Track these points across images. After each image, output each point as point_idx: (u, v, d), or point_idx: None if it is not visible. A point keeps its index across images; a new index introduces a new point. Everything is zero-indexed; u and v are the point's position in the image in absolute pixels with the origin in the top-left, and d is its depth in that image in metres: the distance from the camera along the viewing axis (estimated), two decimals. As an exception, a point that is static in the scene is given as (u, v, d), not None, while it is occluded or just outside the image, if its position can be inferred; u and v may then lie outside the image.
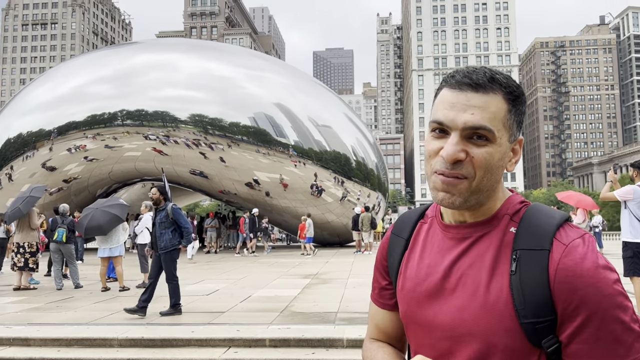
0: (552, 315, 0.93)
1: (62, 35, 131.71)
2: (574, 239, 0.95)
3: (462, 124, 0.97)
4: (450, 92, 1.01)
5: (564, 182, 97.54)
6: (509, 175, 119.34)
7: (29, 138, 22.68)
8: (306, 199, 22.97)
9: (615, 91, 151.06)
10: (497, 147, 0.99)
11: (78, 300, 8.98)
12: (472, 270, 1.01)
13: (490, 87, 0.99)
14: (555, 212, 1.02)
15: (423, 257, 1.11)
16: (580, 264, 0.91)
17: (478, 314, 0.97)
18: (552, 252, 0.94)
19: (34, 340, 6.09)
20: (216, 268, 14.86)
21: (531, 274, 0.94)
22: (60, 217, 10.41)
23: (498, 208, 1.05)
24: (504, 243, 1.00)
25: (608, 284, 0.90)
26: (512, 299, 0.95)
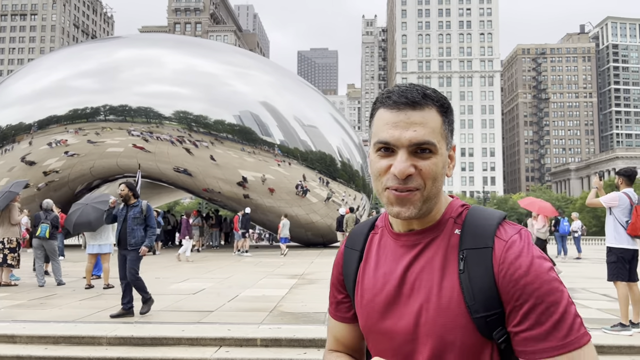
0: (499, 307, 0.99)
1: (42, 26, 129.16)
2: (512, 235, 1.03)
3: (407, 141, 1.04)
4: (389, 113, 1.07)
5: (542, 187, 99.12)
6: (489, 179, 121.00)
7: (9, 131, 22.21)
8: (291, 198, 22.94)
9: (593, 99, 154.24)
10: (440, 157, 1.06)
11: (62, 298, 8.84)
12: (424, 274, 1.07)
13: (425, 103, 1.06)
14: (494, 211, 1.10)
15: (378, 267, 1.15)
16: (520, 256, 0.99)
17: (434, 315, 1.03)
18: (494, 249, 1.02)
19: (20, 337, 5.98)
20: (200, 267, 14.75)
21: (478, 271, 1.01)
22: (43, 212, 10.22)
23: (442, 213, 1.12)
24: (450, 245, 1.07)
25: (545, 272, 0.98)
26: (462, 296, 1.01)
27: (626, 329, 6.23)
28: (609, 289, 9.36)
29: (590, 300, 9.03)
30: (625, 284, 6.32)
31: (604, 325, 6.60)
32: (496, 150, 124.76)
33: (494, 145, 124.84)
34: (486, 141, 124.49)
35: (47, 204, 10.40)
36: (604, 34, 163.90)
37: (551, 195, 77.27)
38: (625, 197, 6.41)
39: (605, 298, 9.32)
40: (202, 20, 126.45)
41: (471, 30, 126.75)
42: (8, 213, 9.66)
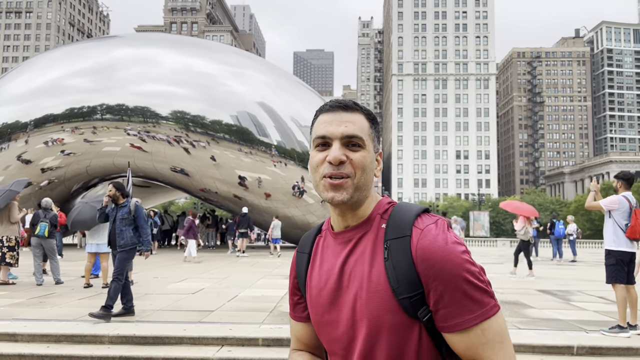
0: (420, 288, 1.10)
1: (37, 24, 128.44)
2: (429, 224, 1.15)
3: (340, 134, 1.20)
4: (326, 115, 1.25)
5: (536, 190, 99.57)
6: (484, 182, 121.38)
7: (4, 129, 22.11)
8: (287, 199, 22.93)
9: (587, 103, 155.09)
10: (367, 152, 1.21)
11: (61, 297, 8.82)
12: (357, 265, 1.19)
13: (354, 108, 1.25)
14: (415, 205, 1.23)
15: (322, 265, 1.27)
16: (434, 242, 1.10)
17: (366, 300, 1.14)
18: (412, 237, 1.13)
19: (21, 335, 5.98)
20: (198, 267, 14.75)
21: (399, 257, 1.12)
22: (42, 211, 10.20)
23: (371, 210, 1.24)
24: (378, 238, 1.19)
25: (456, 255, 1.09)
26: (388, 281, 1.12)
27: (624, 331, 6.30)
28: (605, 291, 9.46)
29: (587, 303, 9.12)
30: (623, 287, 6.40)
31: (602, 327, 6.67)
32: (491, 153, 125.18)
33: (489, 148, 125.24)
34: (481, 144, 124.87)
35: (46, 202, 10.38)
36: (598, 39, 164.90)
37: (545, 198, 77.62)
38: (624, 201, 6.48)
39: (602, 300, 9.41)
40: (198, 20, 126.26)
41: (467, 33, 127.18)
42: (8, 211, 9.63)
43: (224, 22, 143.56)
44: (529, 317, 7.48)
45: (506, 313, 7.72)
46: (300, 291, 1.35)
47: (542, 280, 12.83)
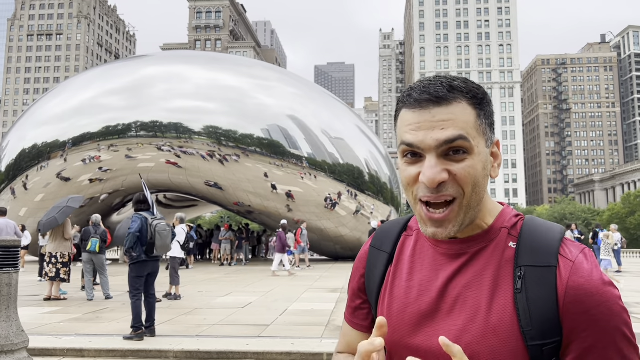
0: (559, 336, 0.88)
1: (67, 46, 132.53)
2: (577, 254, 0.91)
3: (434, 142, 0.91)
4: (411, 113, 0.94)
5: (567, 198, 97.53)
6: (511, 191, 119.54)
7: (44, 148, 22.72)
8: (320, 212, 22.92)
9: (616, 109, 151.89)
10: (477, 156, 0.93)
11: (114, 312, 8.92)
12: (470, 289, 0.94)
13: (452, 96, 0.92)
14: (554, 225, 0.98)
15: (412, 275, 1.02)
16: (590, 281, 0.88)
17: (480, 337, 0.90)
18: (559, 269, 0.90)
19: (88, 351, 6.04)
20: (238, 281, 14.77)
21: (538, 292, 0.89)
22: (93, 227, 10.38)
23: (493, 221, 0.99)
24: (504, 259, 0.94)
25: (616, 302, 0.87)
26: (517, 319, 0.89)
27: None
28: None
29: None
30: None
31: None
32: (518, 162, 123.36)
33: (516, 157, 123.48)
34: (507, 153, 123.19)
35: (96, 218, 10.57)
36: (625, 43, 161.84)
37: (577, 207, 75.85)
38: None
39: (664, 312, 9.07)
40: (222, 37, 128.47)
41: (490, 42, 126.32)
42: (62, 228, 9.83)
43: (246, 39, 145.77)
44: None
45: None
46: (366, 295, 1.10)
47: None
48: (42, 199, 22.61)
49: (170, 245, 6.77)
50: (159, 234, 6.63)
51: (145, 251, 6.72)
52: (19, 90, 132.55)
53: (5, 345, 4.12)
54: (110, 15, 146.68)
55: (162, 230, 6.66)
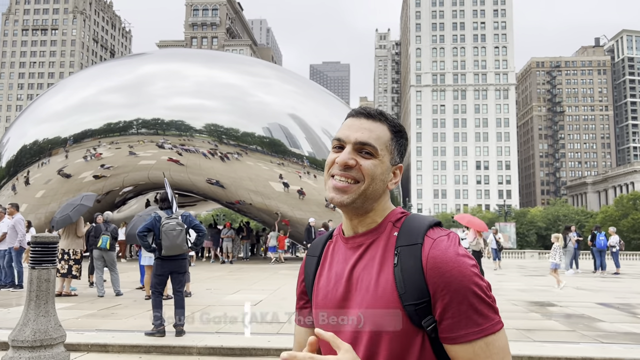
0: (427, 297, 1.10)
1: (62, 41, 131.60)
2: (441, 235, 1.15)
3: (353, 139, 1.22)
4: (350, 119, 1.27)
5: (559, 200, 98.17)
6: (505, 192, 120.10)
7: (45, 145, 22.65)
8: (321, 211, 22.96)
9: (609, 112, 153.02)
10: (380, 163, 1.22)
11: (128, 308, 8.98)
12: (366, 270, 1.19)
13: (378, 118, 1.26)
14: (428, 217, 1.23)
15: (331, 269, 1.27)
16: (445, 252, 1.10)
17: (371, 304, 1.14)
18: (424, 245, 1.14)
19: (112, 346, 6.11)
20: (243, 278, 14.85)
21: (408, 264, 1.13)
22: (103, 224, 10.42)
23: (383, 219, 1.25)
24: (389, 244, 1.19)
25: (466, 267, 1.09)
26: (395, 286, 1.12)
27: None
28: None
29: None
30: None
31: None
32: (512, 164, 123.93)
33: (510, 159, 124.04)
34: (501, 154, 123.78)
35: (106, 215, 10.61)
36: (619, 47, 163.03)
37: (570, 209, 76.44)
38: None
39: (668, 313, 9.25)
40: (218, 35, 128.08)
41: (486, 43, 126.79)
42: (75, 225, 9.87)
43: (243, 37, 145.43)
44: (604, 331, 7.39)
45: (579, 327, 7.66)
46: (307, 295, 1.35)
47: (596, 293, 12.65)
48: (43, 195, 22.56)
49: (180, 245, 6.74)
50: (166, 235, 6.66)
51: (159, 251, 6.83)
52: (13, 85, 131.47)
53: (44, 339, 4.19)
54: (106, 11, 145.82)
55: (170, 230, 6.68)
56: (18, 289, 11.21)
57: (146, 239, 6.82)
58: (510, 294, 11.82)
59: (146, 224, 6.85)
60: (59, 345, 4.34)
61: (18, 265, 11.30)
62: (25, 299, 4.40)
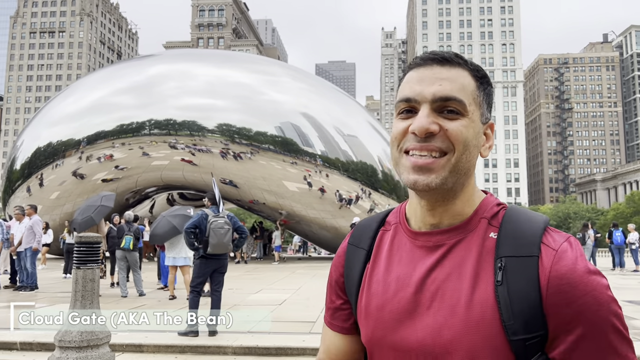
0: (543, 329, 0.83)
1: (70, 43, 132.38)
2: (562, 243, 0.87)
3: (431, 96, 0.90)
4: (415, 71, 0.95)
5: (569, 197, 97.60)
6: (514, 190, 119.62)
7: (59, 147, 22.78)
8: (334, 210, 22.94)
9: (618, 108, 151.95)
10: (471, 122, 0.92)
11: (154, 308, 8.94)
12: (449, 282, 0.90)
13: (456, 62, 0.94)
14: (536, 214, 0.94)
15: (390, 270, 0.98)
16: (574, 270, 0.83)
17: (460, 331, 0.86)
18: (541, 259, 0.85)
19: (147, 346, 6.08)
20: (260, 278, 14.82)
21: (520, 284, 0.84)
22: (126, 224, 10.42)
23: (473, 211, 0.95)
24: (484, 250, 0.90)
25: (603, 292, 0.82)
26: (499, 313, 0.84)
27: None
28: None
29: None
30: None
31: None
32: (520, 161, 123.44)
33: (518, 156, 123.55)
34: (510, 152, 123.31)
35: (129, 216, 10.61)
36: (627, 43, 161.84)
37: (580, 207, 75.90)
38: None
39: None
40: (224, 35, 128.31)
41: (493, 41, 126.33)
42: (96, 226, 9.88)
43: (249, 37, 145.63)
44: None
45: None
46: (347, 295, 1.06)
47: (619, 290, 12.49)
48: (58, 197, 22.65)
49: (226, 244, 6.74)
50: (214, 232, 6.65)
51: (203, 249, 6.75)
52: (21, 87, 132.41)
53: (91, 340, 4.16)
54: (113, 12, 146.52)
55: (218, 228, 6.67)
56: (28, 290, 11.18)
57: (192, 236, 6.78)
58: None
59: (194, 221, 6.83)
60: (105, 346, 4.31)
61: (32, 266, 11.30)
62: (71, 299, 4.37)
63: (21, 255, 11.19)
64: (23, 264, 11.11)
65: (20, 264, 11.24)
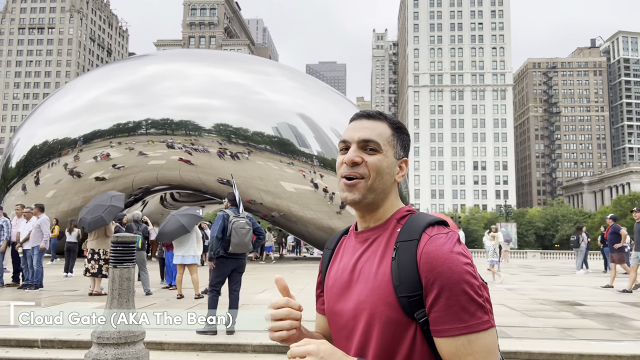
0: (420, 290, 1.15)
1: (59, 40, 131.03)
2: (439, 233, 1.20)
3: (357, 138, 1.31)
4: (352, 123, 1.36)
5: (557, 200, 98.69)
6: (502, 193, 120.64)
7: (55, 145, 22.67)
8: (330, 210, 23.09)
9: (605, 113, 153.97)
10: (384, 157, 1.30)
11: (164, 307, 9.04)
12: (367, 263, 1.26)
13: (378, 117, 1.35)
14: (431, 216, 1.28)
15: (341, 260, 1.36)
16: (439, 248, 1.15)
17: (368, 294, 1.20)
18: (420, 241, 1.19)
19: (167, 344, 6.19)
20: (261, 278, 14.91)
21: (404, 258, 1.18)
22: (134, 223, 10.49)
23: (390, 215, 1.32)
24: (391, 240, 1.26)
25: (458, 264, 1.12)
26: (391, 278, 1.18)
27: None
28: None
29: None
30: None
31: None
32: (509, 164, 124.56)
33: (507, 159, 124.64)
34: (499, 155, 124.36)
35: (137, 215, 10.67)
36: (615, 48, 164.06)
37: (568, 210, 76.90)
38: None
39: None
40: (216, 34, 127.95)
41: (483, 44, 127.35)
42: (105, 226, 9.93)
43: (240, 36, 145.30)
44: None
45: (615, 325, 7.79)
46: (322, 285, 1.44)
47: (615, 292, 12.82)
48: (54, 195, 22.54)
49: (247, 244, 6.85)
50: (235, 232, 6.75)
51: (224, 248, 6.85)
52: (9, 84, 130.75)
53: (128, 336, 4.28)
54: (103, 9, 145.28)
55: (240, 228, 6.77)
56: (33, 289, 11.19)
57: (222, 242, 6.84)
58: (534, 294, 11.96)
59: (220, 225, 6.86)
60: (140, 343, 4.43)
61: (38, 264, 11.31)
62: (107, 297, 4.48)
63: (27, 253, 11.21)
64: (29, 262, 11.13)
65: (26, 262, 11.25)
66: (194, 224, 10.51)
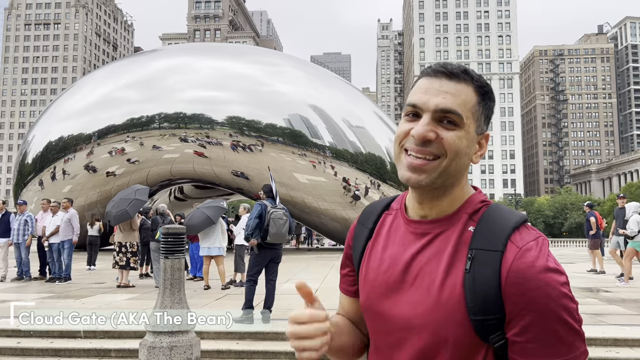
0: (500, 313, 0.96)
1: (65, 35, 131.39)
2: (528, 242, 0.98)
3: (433, 106, 1.02)
4: (425, 80, 1.07)
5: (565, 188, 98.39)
6: (509, 181, 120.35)
7: (70, 141, 22.90)
8: (344, 201, 23.21)
9: (612, 100, 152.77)
10: (465, 133, 1.04)
11: (193, 298, 9.18)
12: (429, 266, 1.04)
13: (463, 77, 1.05)
14: (515, 213, 1.06)
15: (386, 249, 1.13)
16: (531, 266, 0.95)
17: (432, 310, 1.00)
18: (505, 254, 0.97)
19: (207, 333, 6.34)
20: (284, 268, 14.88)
21: (483, 274, 0.97)
22: (160, 217, 10.65)
23: (459, 206, 1.08)
24: (461, 241, 1.03)
25: (555, 287, 0.94)
26: (464, 296, 0.98)
27: None
28: None
29: None
30: None
31: None
32: (516, 153, 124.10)
33: (514, 148, 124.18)
34: (506, 143, 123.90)
35: (162, 208, 10.83)
36: (622, 34, 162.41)
37: (578, 197, 76.68)
38: None
39: None
40: (221, 27, 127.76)
41: (489, 32, 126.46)
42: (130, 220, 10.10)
43: (245, 29, 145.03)
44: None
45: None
46: (352, 264, 1.23)
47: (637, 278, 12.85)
48: (70, 190, 22.77)
49: (284, 234, 6.99)
50: (274, 222, 6.88)
51: (261, 238, 6.98)
52: (16, 80, 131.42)
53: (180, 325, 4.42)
54: (108, 4, 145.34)
55: (278, 218, 6.90)
56: (63, 282, 11.39)
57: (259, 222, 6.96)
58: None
59: (257, 212, 7.02)
60: (192, 331, 4.57)
61: (69, 258, 11.52)
62: (160, 287, 4.62)
63: (53, 247, 11.40)
64: (55, 256, 11.32)
65: (52, 256, 11.44)
66: (219, 215, 10.66)
